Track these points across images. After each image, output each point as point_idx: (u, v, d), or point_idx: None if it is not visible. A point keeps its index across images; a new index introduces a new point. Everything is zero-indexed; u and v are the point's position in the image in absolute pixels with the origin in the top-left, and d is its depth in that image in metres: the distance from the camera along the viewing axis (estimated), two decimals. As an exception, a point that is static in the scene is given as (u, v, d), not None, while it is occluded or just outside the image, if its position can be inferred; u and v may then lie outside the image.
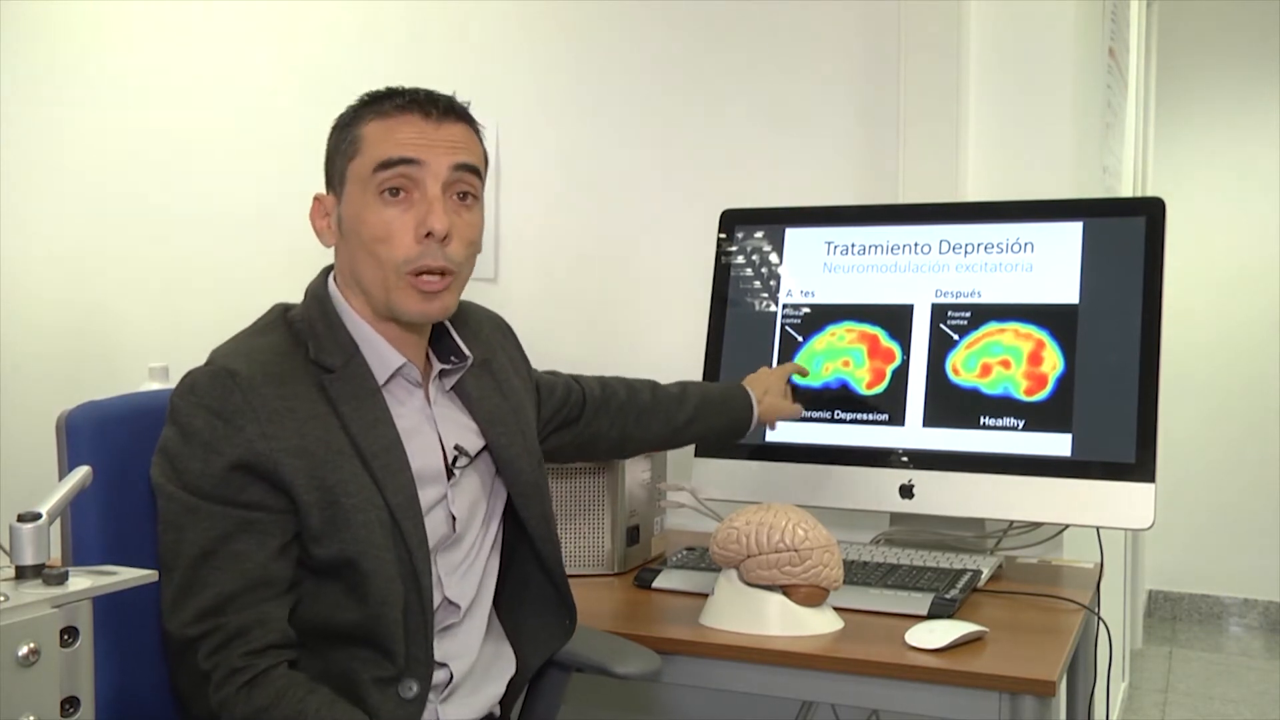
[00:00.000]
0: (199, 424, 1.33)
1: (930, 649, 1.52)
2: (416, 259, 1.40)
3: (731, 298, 2.11)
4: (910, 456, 1.94)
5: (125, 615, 1.38)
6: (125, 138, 2.91)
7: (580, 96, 2.50)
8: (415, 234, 1.40)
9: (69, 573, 1.00)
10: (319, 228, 1.48)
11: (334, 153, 1.47)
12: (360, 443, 1.39)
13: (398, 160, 1.40)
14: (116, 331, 2.93)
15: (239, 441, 1.33)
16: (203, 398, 1.35)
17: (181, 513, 1.34)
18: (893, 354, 1.99)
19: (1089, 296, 1.89)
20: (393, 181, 1.40)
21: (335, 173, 1.46)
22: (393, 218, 1.40)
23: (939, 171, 2.18)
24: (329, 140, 1.49)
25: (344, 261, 1.46)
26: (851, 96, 2.31)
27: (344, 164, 1.44)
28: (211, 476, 1.33)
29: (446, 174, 1.42)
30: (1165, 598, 5.06)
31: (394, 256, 1.40)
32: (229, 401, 1.34)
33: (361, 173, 1.41)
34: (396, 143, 1.41)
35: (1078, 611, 1.74)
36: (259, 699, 1.29)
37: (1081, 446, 1.84)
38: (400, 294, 1.42)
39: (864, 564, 1.86)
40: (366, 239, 1.41)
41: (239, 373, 1.35)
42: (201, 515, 1.33)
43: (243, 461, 1.33)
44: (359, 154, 1.42)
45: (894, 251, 2.03)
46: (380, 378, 1.44)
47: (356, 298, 1.46)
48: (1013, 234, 1.96)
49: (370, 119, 1.43)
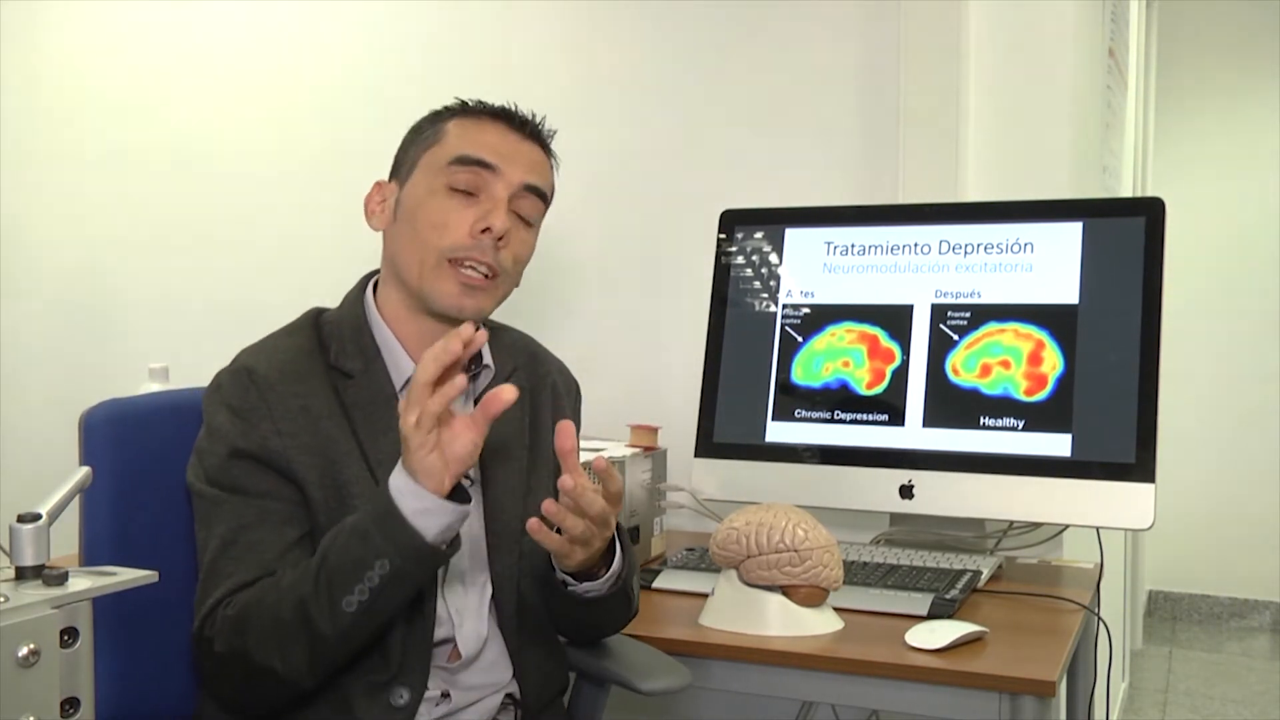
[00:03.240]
0: (220, 420, 1.37)
1: (930, 649, 1.52)
2: (466, 248, 1.41)
3: (731, 298, 2.11)
4: (910, 457, 1.93)
5: (126, 616, 1.38)
6: (127, 139, 2.91)
7: (578, 98, 2.50)
8: (472, 228, 1.42)
9: (69, 573, 1.00)
10: (371, 210, 1.50)
11: (410, 142, 1.50)
12: (367, 449, 1.40)
13: (475, 160, 1.43)
14: (115, 331, 2.93)
15: (254, 437, 1.36)
16: (224, 396, 1.39)
17: (207, 508, 1.37)
18: (892, 354, 1.99)
19: (1089, 296, 1.89)
20: (464, 178, 1.43)
21: (406, 160, 1.49)
22: (453, 209, 1.42)
23: (939, 172, 2.18)
24: (408, 133, 1.52)
25: (390, 248, 1.48)
26: (851, 97, 2.31)
27: (419, 151, 1.47)
28: (228, 469, 1.36)
29: (517, 188, 1.45)
30: (1165, 598, 5.06)
31: (443, 242, 1.41)
32: (246, 398, 1.37)
33: (435, 162, 1.45)
34: (479, 143, 1.44)
35: (1078, 612, 1.74)
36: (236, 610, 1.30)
37: (1081, 447, 1.84)
38: (438, 279, 1.42)
39: (864, 564, 1.86)
40: (421, 223, 1.42)
41: (256, 370, 1.39)
42: (223, 508, 1.36)
43: (257, 456, 1.35)
44: (438, 144, 1.46)
45: (894, 252, 2.03)
46: (397, 383, 1.45)
47: (395, 293, 1.46)
48: (1012, 234, 1.96)
49: (458, 116, 1.48)
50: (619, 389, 2.47)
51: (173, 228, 2.88)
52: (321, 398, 1.40)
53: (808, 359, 2.04)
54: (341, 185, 2.65)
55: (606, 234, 2.50)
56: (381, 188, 1.51)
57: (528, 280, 1.48)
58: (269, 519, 1.35)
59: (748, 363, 2.07)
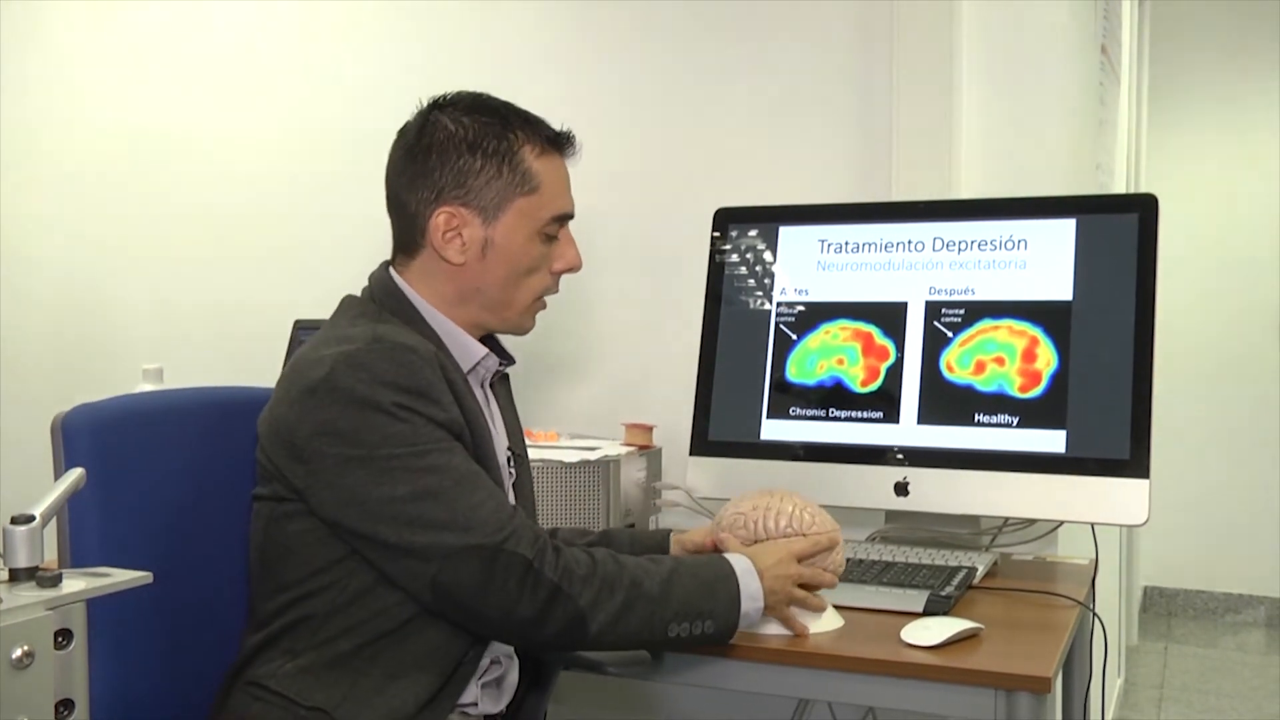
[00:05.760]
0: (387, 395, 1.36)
1: (926, 646, 1.52)
2: (550, 288, 1.59)
3: (725, 296, 2.11)
4: (905, 454, 1.94)
5: (121, 617, 1.38)
6: (119, 139, 2.91)
7: (571, 95, 2.50)
8: (552, 267, 1.57)
9: (63, 575, 1.00)
10: (444, 242, 1.50)
11: (482, 174, 1.49)
12: (472, 424, 1.46)
13: (567, 217, 1.57)
14: (110, 333, 2.92)
15: (438, 411, 1.39)
16: (385, 374, 1.37)
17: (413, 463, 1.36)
18: (887, 351, 1.99)
19: (1082, 293, 1.89)
20: (555, 231, 1.55)
21: (488, 194, 1.50)
22: (543, 254, 1.55)
23: (932, 169, 2.18)
24: (455, 149, 1.49)
25: (469, 280, 1.52)
26: (844, 94, 2.31)
27: (509, 193, 1.50)
28: (421, 430, 1.37)
29: None
30: (1161, 593, 5.07)
31: (537, 287, 1.56)
32: (419, 376, 1.39)
33: (533, 212, 1.51)
34: (563, 193, 1.56)
35: (1073, 608, 1.74)
36: (580, 554, 1.40)
37: (1076, 443, 1.84)
38: (527, 315, 1.58)
39: (859, 561, 1.86)
40: (519, 268, 1.53)
41: (417, 349, 1.42)
42: (435, 455, 1.38)
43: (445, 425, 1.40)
44: (535, 193, 1.51)
45: (888, 249, 2.03)
46: (465, 367, 1.52)
47: (452, 306, 1.54)
48: (1006, 231, 1.96)
49: (534, 153, 1.52)
50: (613, 387, 2.47)
51: (167, 229, 2.88)
52: (454, 375, 1.46)
53: (802, 357, 2.05)
54: (337, 189, 2.67)
55: (600, 232, 2.50)
56: (454, 216, 1.50)
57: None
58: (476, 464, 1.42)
59: (742, 360, 2.07)
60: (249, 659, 1.46)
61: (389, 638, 1.41)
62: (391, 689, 1.41)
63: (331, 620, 1.42)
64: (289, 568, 1.44)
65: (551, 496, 2.01)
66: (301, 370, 1.40)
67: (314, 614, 1.42)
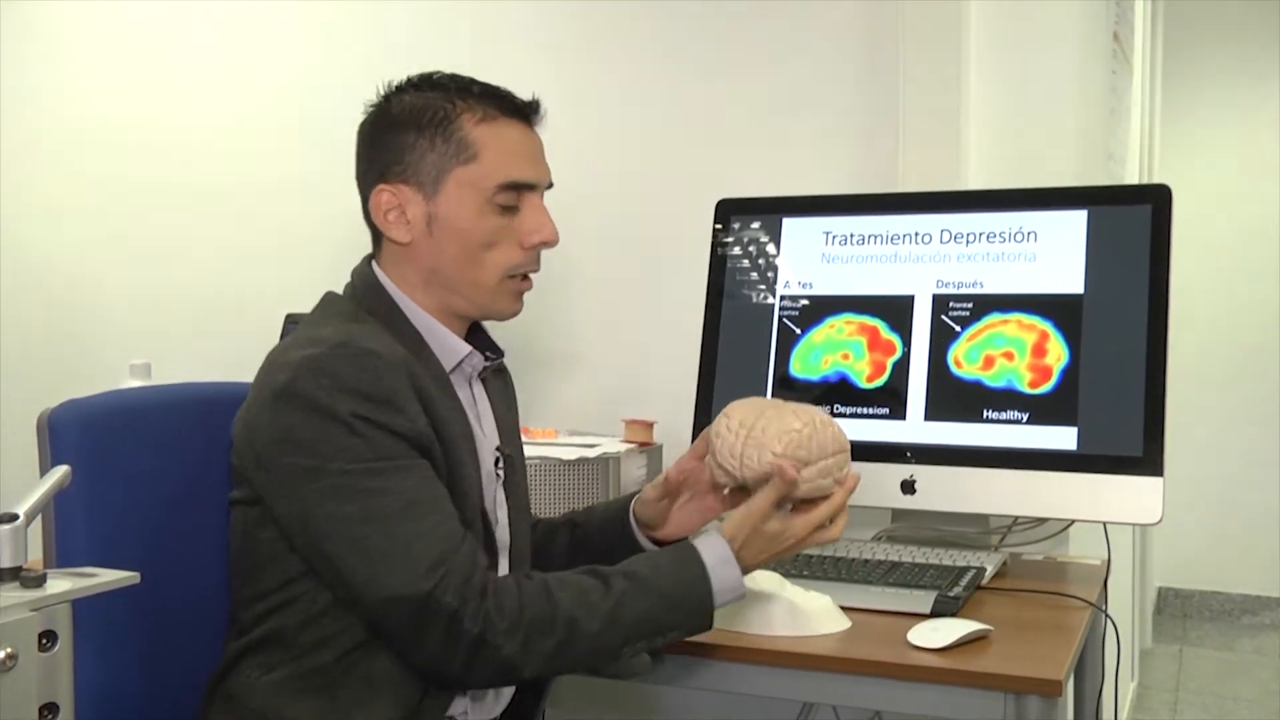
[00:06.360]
0: (347, 405, 1.34)
1: (933, 648, 1.52)
2: (522, 264, 1.51)
3: (728, 289, 2.11)
4: (912, 451, 1.94)
5: (107, 618, 1.38)
6: (104, 132, 2.91)
7: (570, 83, 2.50)
8: (522, 241, 1.50)
9: (48, 575, 1.00)
10: (386, 221, 1.49)
11: (419, 148, 1.47)
12: (449, 430, 1.44)
13: (522, 185, 1.49)
14: (97, 327, 2.92)
15: (401, 420, 1.36)
16: (345, 380, 1.35)
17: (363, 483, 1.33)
18: (893, 346, 1.99)
19: (1094, 286, 1.89)
20: (508, 199, 1.48)
21: (424, 169, 1.47)
22: (501, 226, 1.49)
23: (939, 159, 2.18)
24: (394, 127, 1.49)
25: (424, 259, 1.49)
26: (850, 82, 2.31)
27: (446, 165, 1.47)
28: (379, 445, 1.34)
29: (544, 190, 1.55)
30: (1175, 595, 5.07)
31: (502, 262, 1.50)
32: (382, 383, 1.36)
33: (475, 182, 1.47)
34: (517, 161, 1.49)
35: (1084, 609, 1.74)
36: (508, 598, 1.33)
37: (1087, 440, 1.84)
38: (500, 296, 1.52)
39: (865, 561, 1.87)
40: (474, 244, 1.48)
41: (382, 354, 1.38)
42: (386, 478, 1.34)
43: (407, 436, 1.36)
44: (474, 162, 1.47)
45: (894, 241, 2.03)
46: (448, 365, 1.50)
47: (424, 293, 1.51)
48: (1015, 223, 1.96)
49: (474, 120, 1.48)
50: (613, 383, 2.47)
51: (156, 222, 2.88)
52: (424, 380, 1.43)
53: (806, 351, 2.05)
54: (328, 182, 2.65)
55: (599, 224, 2.50)
56: (394, 195, 1.48)
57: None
58: (433, 480, 1.39)
59: (745, 355, 2.07)
60: (228, 668, 1.46)
61: (363, 649, 1.40)
62: (372, 702, 1.39)
63: (306, 632, 1.40)
64: (264, 576, 1.43)
65: (550, 495, 2.01)
66: (270, 373, 1.39)
67: (288, 625, 1.41)
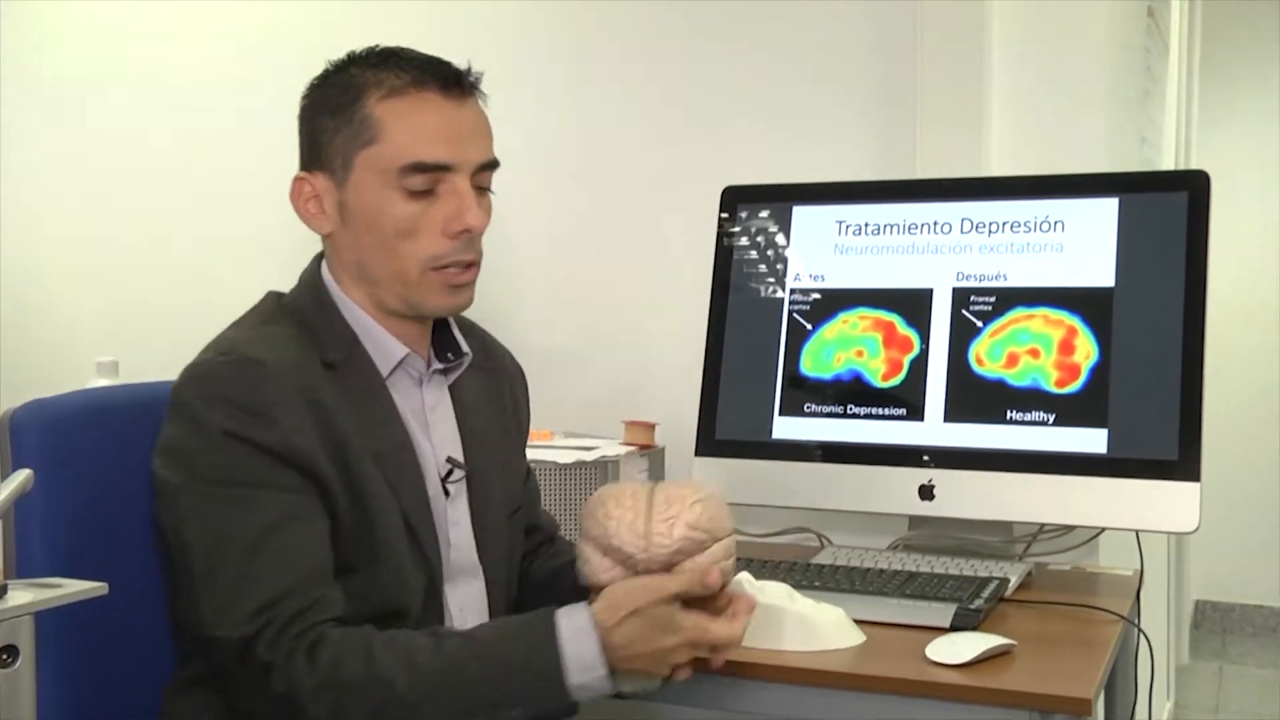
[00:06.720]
0: (219, 416, 1.33)
1: (953, 664, 1.52)
2: (447, 254, 1.44)
3: (734, 283, 2.11)
4: (930, 454, 1.94)
5: (73, 632, 1.38)
6: (64, 125, 2.94)
7: (568, 62, 2.50)
8: (444, 229, 1.43)
9: (8, 586, 1.01)
10: (308, 211, 1.48)
11: (329, 131, 1.44)
12: (370, 442, 1.41)
13: (430, 166, 1.41)
14: (62, 323, 2.93)
15: (274, 435, 1.34)
16: (223, 389, 1.35)
17: (217, 508, 1.33)
18: (910, 343, 1.99)
19: (1126, 279, 1.89)
20: (420, 182, 1.41)
21: (333, 153, 1.44)
22: (417, 213, 1.42)
23: (960, 143, 2.18)
24: (313, 110, 1.47)
25: (347, 251, 1.47)
26: (864, 60, 2.30)
27: (350, 148, 1.42)
28: (243, 466, 1.33)
29: (474, 170, 1.44)
30: (1214, 608, 5.07)
31: (421, 252, 1.43)
32: (259, 394, 1.34)
33: (380, 165, 1.41)
34: (425, 139, 1.41)
35: (1116, 623, 1.74)
36: (325, 655, 1.28)
37: (1118, 442, 1.84)
38: (426, 290, 1.45)
39: (880, 572, 1.87)
40: (388, 234, 1.42)
41: (265, 362, 1.37)
42: (241, 506, 1.33)
43: (279, 454, 1.34)
44: (376, 143, 1.41)
45: (911, 231, 2.03)
46: (384, 370, 1.47)
47: (358, 288, 1.48)
48: (1041, 211, 1.96)
49: (379, 96, 1.42)
50: (612, 382, 2.48)
51: (121, 217, 2.89)
52: (327, 391, 1.40)
53: (818, 349, 2.05)
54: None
55: (598, 213, 2.50)
56: (309, 183, 1.47)
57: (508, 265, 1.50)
58: (298, 515, 1.34)
59: (752, 353, 2.07)
60: (167, 706, 1.46)
61: None
62: None
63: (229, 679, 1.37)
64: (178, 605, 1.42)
65: (545, 501, 2.01)
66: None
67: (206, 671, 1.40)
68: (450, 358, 1.55)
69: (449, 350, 1.56)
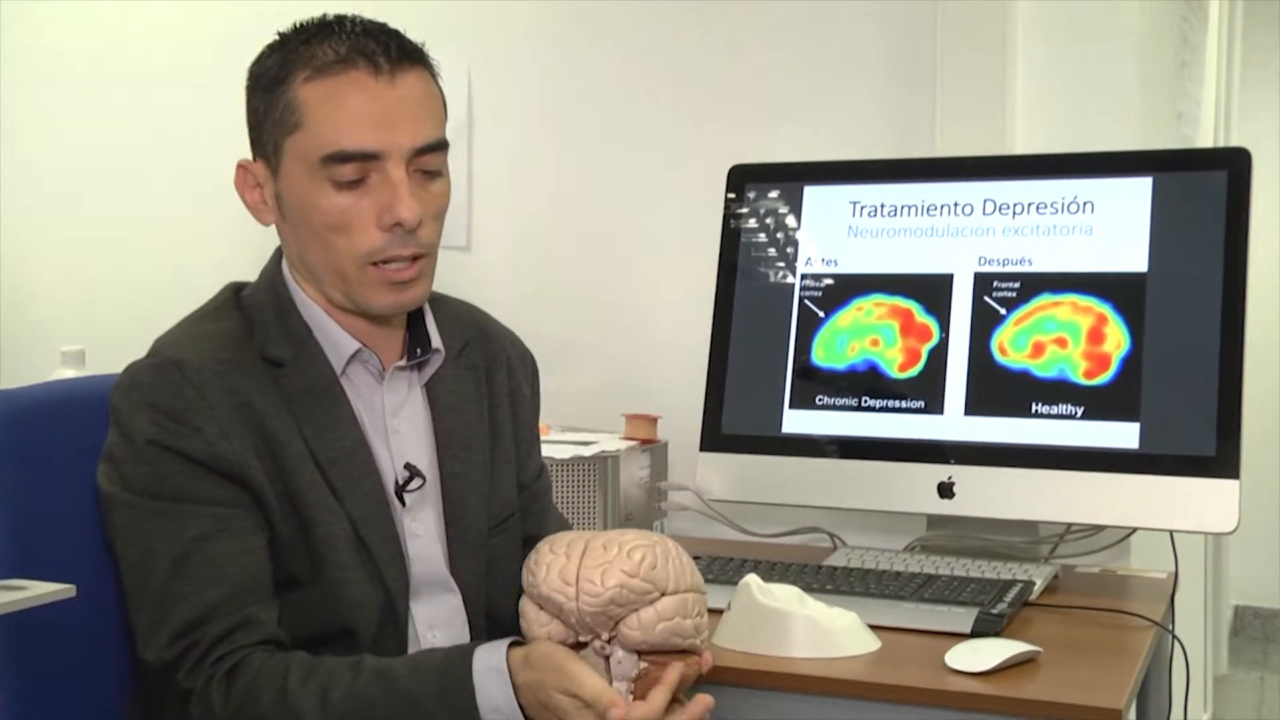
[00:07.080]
0: (143, 423, 1.34)
1: (974, 672, 1.53)
2: (382, 249, 1.39)
3: (742, 267, 2.11)
4: (950, 450, 1.94)
5: (34, 636, 1.38)
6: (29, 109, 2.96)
7: (567, 35, 2.50)
8: (379, 221, 1.38)
9: (-32, 588, 1.01)
10: (251, 202, 1.46)
11: (260, 115, 1.42)
12: (315, 448, 1.40)
13: (355, 154, 1.36)
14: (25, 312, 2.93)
15: (197, 442, 1.34)
16: (148, 394, 1.35)
17: (145, 521, 1.34)
18: (929, 331, 1.99)
19: (1159, 264, 1.89)
20: (347, 172, 1.37)
21: (266, 140, 1.41)
22: (348, 205, 1.38)
23: (983, 119, 2.18)
24: (251, 88, 1.43)
25: (290, 244, 1.46)
26: (881, 33, 2.30)
27: (279, 135, 1.39)
28: (168, 477, 1.33)
29: (409, 156, 1.39)
30: (1255, 614, 5.07)
31: (354, 248, 1.39)
32: (181, 398, 1.34)
33: (304, 154, 1.38)
34: (347, 124, 1.36)
35: (1148, 629, 1.75)
36: (239, 684, 1.29)
37: (1151, 437, 1.84)
38: (366, 288, 1.41)
39: (896, 574, 1.87)
40: (319, 227, 1.39)
41: (187, 364, 1.36)
42: (167, 520, 1.33)
43: (204, 462, 1.34)
44: (300, 129, 1.37)
45: (930, 213, 2.03)
46: (337, 367, 1.45)
47: (309, 283, 1.46)
48: (1069, 191, 1.96)
49: (305, 77, 1.37)
50: (613, 373, 2.48)
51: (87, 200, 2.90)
52: (262, 392, 1.39)
53: (830, 337, 2.05)
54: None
55: (597, 194, 2.50)
56: (250, 171, 1.45)
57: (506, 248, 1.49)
58: (228, 529, 1.34)
59: (761, 342, 2.07)
60: None
61: None
62: None
63: None
64: None
65: (540, 500, 2.02)
66: None
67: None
68: (420, 353, 1.51)
69: (420, 345, 1.52)
